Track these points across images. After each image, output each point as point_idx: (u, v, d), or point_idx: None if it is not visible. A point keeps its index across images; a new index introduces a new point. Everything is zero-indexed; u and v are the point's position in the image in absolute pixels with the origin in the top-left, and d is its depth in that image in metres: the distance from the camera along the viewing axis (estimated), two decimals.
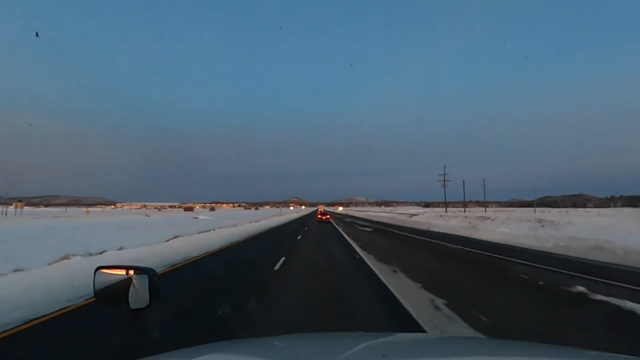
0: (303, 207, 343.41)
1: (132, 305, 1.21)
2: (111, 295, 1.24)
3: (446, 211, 48.56)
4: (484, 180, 63.03)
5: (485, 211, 53.56)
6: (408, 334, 1.36)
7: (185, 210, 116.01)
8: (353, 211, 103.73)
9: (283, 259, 8.18)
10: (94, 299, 1.29)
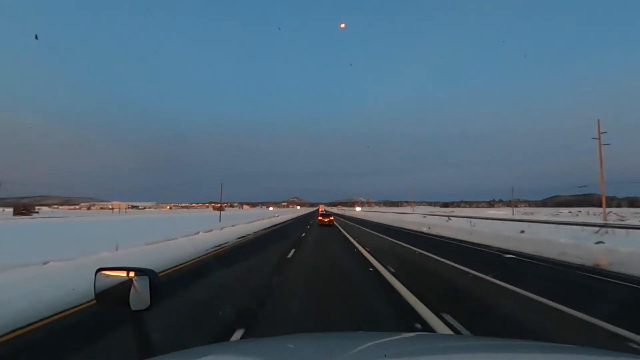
0: (298, 207, 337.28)
1: (133, 307, 1.37)
2: (112, 297, 1.41)
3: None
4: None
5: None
6: (409, 333, 1.56)
7: (16, 213, 70.36)
8: (376, 214, 62.32)
9: None
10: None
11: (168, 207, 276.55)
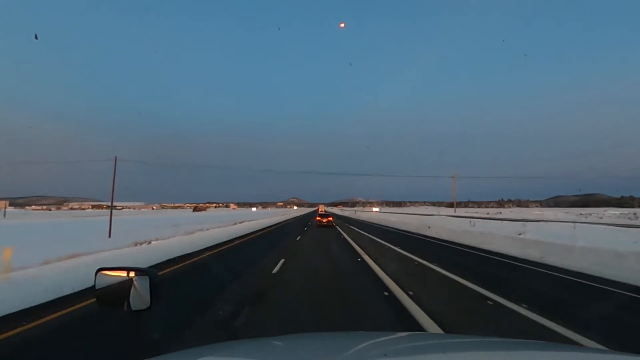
0: (295, 207, 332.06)
1: (134, 307, 1.45)
2: (112, 297, 1.49)
3: None
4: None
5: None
6: (409, 333, 1.64)
7: None
8: (404, 218, 39.53)
9: None
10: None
11: (152, 207, 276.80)
